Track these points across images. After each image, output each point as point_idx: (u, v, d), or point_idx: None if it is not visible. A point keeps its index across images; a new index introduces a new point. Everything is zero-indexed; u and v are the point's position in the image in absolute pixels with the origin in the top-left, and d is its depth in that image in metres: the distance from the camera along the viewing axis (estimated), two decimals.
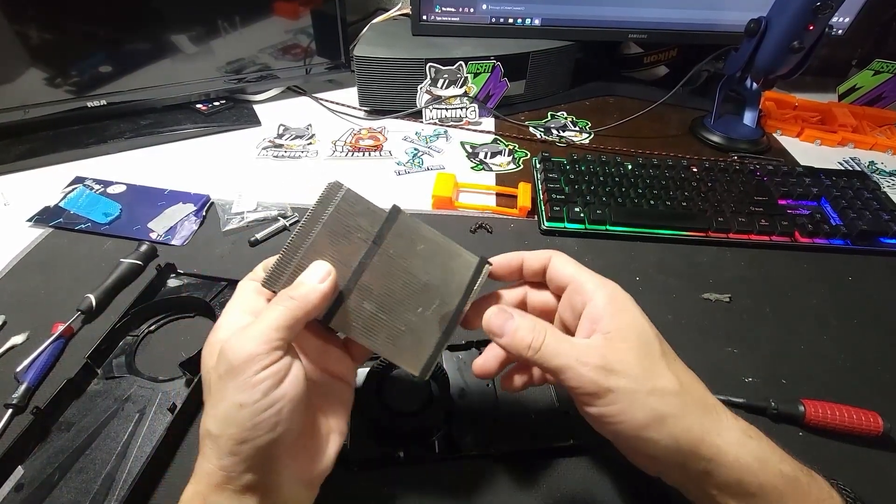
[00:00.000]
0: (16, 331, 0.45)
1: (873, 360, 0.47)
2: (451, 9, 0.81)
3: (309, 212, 0.30)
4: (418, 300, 0.31)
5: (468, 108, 0.80)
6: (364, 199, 0.32)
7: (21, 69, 0.64)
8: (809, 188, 0.65)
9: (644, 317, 0.29)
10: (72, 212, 0.58)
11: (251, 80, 0.81)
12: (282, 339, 0.26)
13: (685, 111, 0.87)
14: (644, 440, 0.26)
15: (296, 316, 0.27)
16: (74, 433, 0.38)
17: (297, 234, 0.30)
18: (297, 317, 0.27)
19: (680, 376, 0.27)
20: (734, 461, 0.26)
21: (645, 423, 0.26)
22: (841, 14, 0.80)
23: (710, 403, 0.28)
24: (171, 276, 0.51)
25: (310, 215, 0.30)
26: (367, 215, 0.31)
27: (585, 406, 0.28)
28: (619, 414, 0.26)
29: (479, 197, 0.66)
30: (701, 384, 0.29)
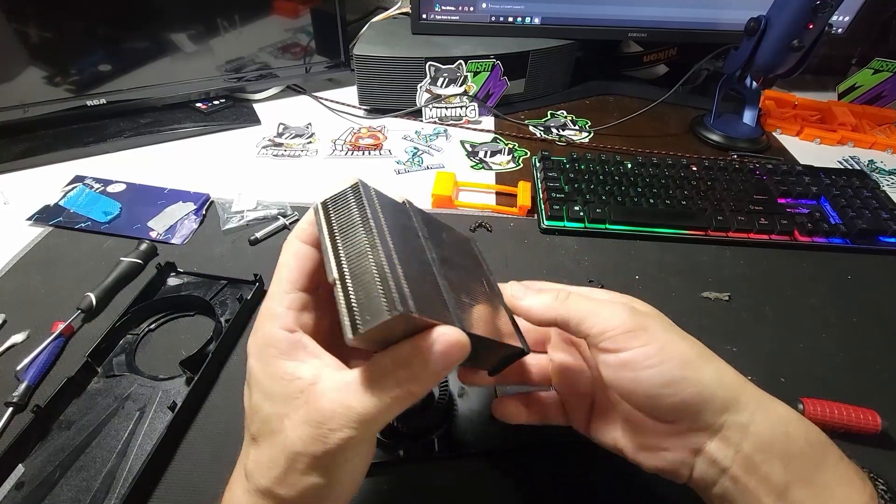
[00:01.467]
0: (16, 329, 0.45)
1: (872, 359, 0.47)
2: (450, 7, 0.81)
3: (334, 222, 0.23)
4: (476, 284, 0.28)
5: (468, 106, 0.80)
6: (385, 195, 0.27)
7: (20, 68, 0.64)
8: (809, 187, 0.65)
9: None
10: (72, 210, 0.58)
11: (251, 79, 0.81)
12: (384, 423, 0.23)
13: (685, 110, 0.87)
14: (671, 385, 0.25)
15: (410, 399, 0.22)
16: (75, 431, 0.38)
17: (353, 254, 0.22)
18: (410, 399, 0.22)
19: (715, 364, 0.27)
20: (762, 424, 0.25)
21: (681, 362, 0.25)
22: (841, 13, 0.80)
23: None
24: (171, 274, 0.51)
25: (343, 224, 0.23)
26: (403, 211, 0.27)
27: (615, 352, 0.26)
28: (656, 355, 0.25)
29: (478, 196, 0.66)
30: None
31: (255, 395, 0.23)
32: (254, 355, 0.24)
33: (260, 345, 0.24)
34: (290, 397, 0.22)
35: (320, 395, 0.22)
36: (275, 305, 0.24)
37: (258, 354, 0.24)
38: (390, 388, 0.21)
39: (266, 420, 0.23)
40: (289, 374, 0.23)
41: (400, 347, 0.21)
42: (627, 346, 0.26)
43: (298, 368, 0.23)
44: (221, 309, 0.47)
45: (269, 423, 0.23)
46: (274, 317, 0.24)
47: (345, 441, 0.21)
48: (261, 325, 0.24)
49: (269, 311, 0.24)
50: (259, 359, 0.23)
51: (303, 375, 0.23)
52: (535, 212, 0.62)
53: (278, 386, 0.23)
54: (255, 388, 0.23)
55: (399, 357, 0.21)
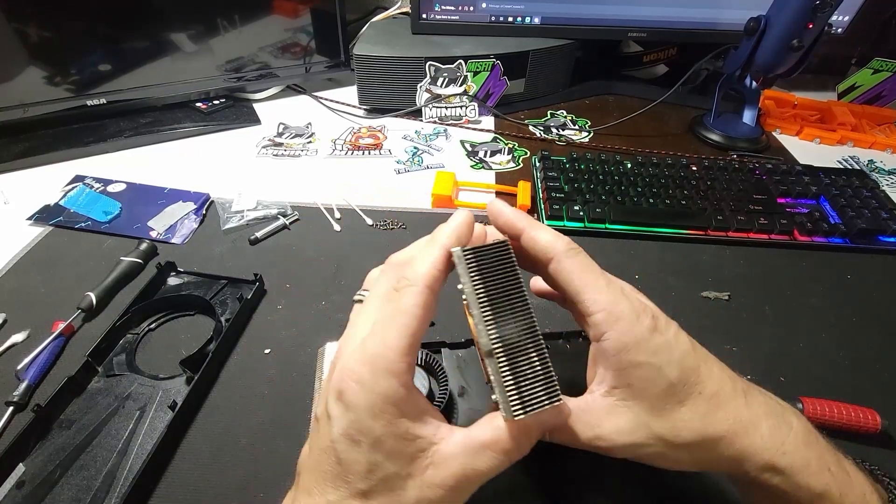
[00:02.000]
0: (16, 329, 0.45)
1: (872, 358, 0.47)
2: (450, 7, 0.81)
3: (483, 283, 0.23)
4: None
5: (468, 106, 0.80)
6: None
7: (20, 67, 0.64)
8: (808, 187, 0.65)
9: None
10: (72, 210, 0.58)
11: (251, 79, 0.81)
12: None
13: (684, 110, 0.87)
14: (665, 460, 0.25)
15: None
16: (75, 431, 0.38)
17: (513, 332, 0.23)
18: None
19: (701, 411, 0.25)
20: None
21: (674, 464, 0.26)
22: (840, 12, 0.80)
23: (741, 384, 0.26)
24: (171, 274, 0.51)
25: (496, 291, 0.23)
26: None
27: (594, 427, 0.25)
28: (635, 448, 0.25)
29: (478, 195, 0.66)
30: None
31: (370, 452, 0.22)
32: (369, 411, 0.22)
33: (379, 401, 0.22)
34: (412, 458, 0.22)
35: (449, 458, 0.23)
36: (398, 360, 0.22)
37: (376, 411, 0.22)
38: (510, 452, 0.23)
39: (386, 479, 0.22)
40: (411, 435, 0.22)
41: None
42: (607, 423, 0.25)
43: (418, 428, 0.23)
44: (221, 308, 0.47)
45: (389, 482, 0.22)
46: (396, 373, 0.22)
47: (465, 499, 0.23)
48: (377, 378, 0.22)
49: (391, 365, 0.22)
50: (377, 416, 0.22)
51: (424, 434, 0.23)
52: (534, 211, 0.62)
53: (400, 445, 0.22)
54: (370, 445, 0.22)
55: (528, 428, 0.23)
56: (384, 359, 0.22)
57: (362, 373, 0.22)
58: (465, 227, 0.25)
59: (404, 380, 0.22)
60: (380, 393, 0.22)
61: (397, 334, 0.22)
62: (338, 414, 0.22)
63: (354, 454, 0.22)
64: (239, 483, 0.36)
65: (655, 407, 0.24)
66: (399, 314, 0.23)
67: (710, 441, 0.25)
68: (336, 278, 0.52)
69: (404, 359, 0.22)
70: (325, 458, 0.23)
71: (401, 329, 0.22)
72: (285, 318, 0.48)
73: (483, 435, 0.23)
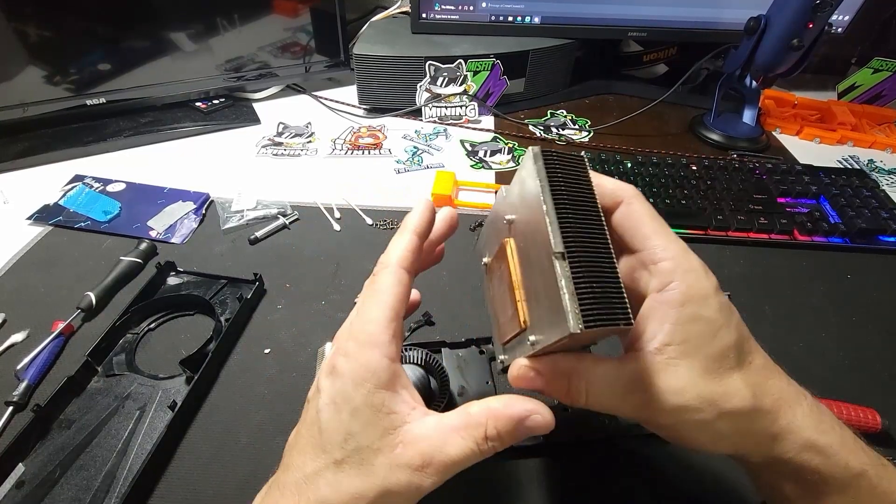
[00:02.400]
0: (16, 329, 0.45)
1: (872, 358, 0.47)
2: (450, 7, 0.81)
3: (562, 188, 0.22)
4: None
5: (468, 106, 0.80)
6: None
7: (20, 67, 0.64)
8: (808, 186, 0.65)
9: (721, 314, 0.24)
10: (71, 210, 0.58)
11: (250, 79, 0.81)
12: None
13: (684, 109, 0.87)
14: (714, 442, 0.25)
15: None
16: (75, 430, 0.38)
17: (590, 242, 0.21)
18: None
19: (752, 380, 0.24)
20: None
21: (711, 440, 0.24)
22: (840, 12, 0.80)
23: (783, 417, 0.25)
24: (170, 274, 0.51)
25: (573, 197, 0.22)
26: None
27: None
28: (683, 437, 0.25)
29: (478, 195, 0.66)
30: (780, 380, 0.26)
31: (348, 419, 0.23)
32: (352, 380, 0.23)
33: (362, 370, 0.23)
34: (385, 432, 0.23)
35: (419, 438, 0.23)
36: (379, 332, 0.24)
37: (358, 380, 0.23)
38: (480, 441, 0.23)
39: (358, 450, 0.23)
40: (386, 407, 0.23)
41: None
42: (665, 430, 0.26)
43: (395, 403, 0.23)
44: (221, 308, 0.47)
45: (361, 453, 0.23)
46: (378, 344, 0.23)
47: (435, 485, 0.23)
48: (361, 349, 0.23)
49: (373, 336, 0.23)
50: (359, 385, 0.23)
51: (398, 410, 0.23)
52: None
53: (375, 417, 0.23)
54: (350, 413, 0.23)
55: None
56: (365, 332, 0.24)
57: (348, 346, 0.24)
58: (429, 211, 0.28)
59: (387, 351, 0.23)
60: (363, 363, 0.23)
61: (376, 309, 0.24)
62: (327, 385, 0.24)
63: (335, 421, 0.23)
64: (239, 483, 0.36)
65: (709, 368, 0.23)
66: (376, 293, 0.25)
67: (758, 413, 0.24)
68: (336, 278, 0.52)
69: (385, 331, 0.24)
70: (309, 431, 0.24)
71: (379, 304, 0.24)
72: (285, 317, 0.48)
73: (453, 419, 0.24)
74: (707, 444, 0.25)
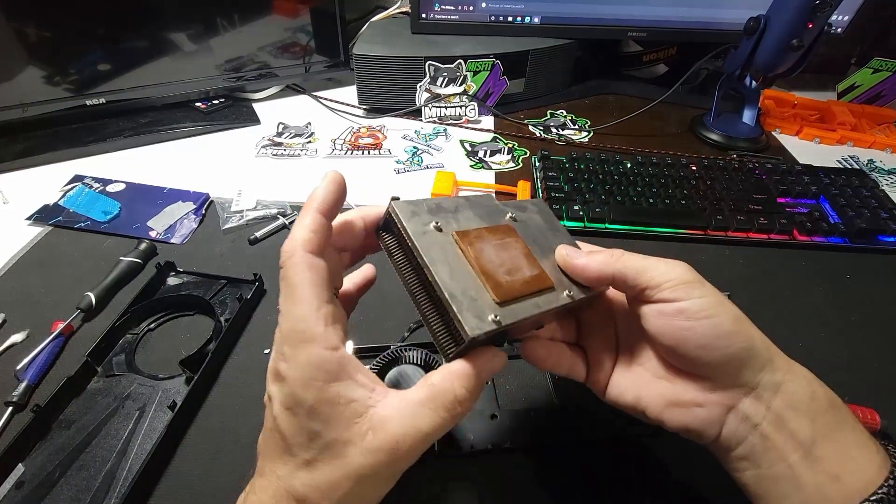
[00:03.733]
0: (16, 329, 0.45)
1: (871, 358, 0.47)
2: (450, 7, 0.81)
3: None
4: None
5: (467, 106, 0.80)
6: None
7: (19, 67, 0.64)
8: (808, 186, 0.65)
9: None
10: (71, 210, 0.58)
11: (250, 79, 0.81)
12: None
13: (684, 109, 0.87)
14: (725, 337, 0.26)
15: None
16: (75, 431, 0.38)
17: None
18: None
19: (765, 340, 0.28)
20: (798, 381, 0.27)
21: (734, 317, 0.26)
22: (840, 12, 0.80)
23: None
24: (170, 274, 0.51)
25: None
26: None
27: (673, 301, 0.27)
28: (713, 307, 0.26)
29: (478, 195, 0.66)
30: None
31: (307, 421, 0.22)
32: (299, 382, 0.22)
33: (306, 370, 0.22)
34: (349, 422, 0.22)
35: (387, 419, 0.23)
36: (309, 326, 0.23)
37: (305, 381, 0.22)
38: (451, 407, 0.23)
39: (327, 446, 0.22)
40: (344, 398, 0.22)
41: (458, 367, 0.24)
42: (687, 296, 0.27)
43: (351, 390, 0.23)
44: (221, 308, 0.47)
45: (331, 448, 0.22)
46: (314, 338, 0.22)
47: (411, 462, 0.23)
48: (297, 350, 0.22)
49: (304, 333, 0.23)
50: (307, 386, 0.22)
51: (357, 397, 0.23)
52: None
53: (335, 411, 0.22)
54: (307, 415, 0.22)
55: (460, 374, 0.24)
56: (295, 331, 0.23)
57: (284, 350, 0.23)
58: (335, 184, 0.26)
59: (326, 342, 0.23)
60: (303, 362, 0.22)
61: (297, 305, 0.23)
62: (276, 391, 0.23)
63: (294, 426, 0.23)
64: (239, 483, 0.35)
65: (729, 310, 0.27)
66: (290, 287, 0.24)
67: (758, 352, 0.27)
68: None
69: (316, 323, 0.23)
70: (271, 437, 0.24)
71: (298, 299, 0.23)
72: None
73: (418, 393, 0.24)
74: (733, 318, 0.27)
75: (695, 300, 0.26)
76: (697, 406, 0.28)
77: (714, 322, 0.26)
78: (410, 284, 0.26)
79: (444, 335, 0.25)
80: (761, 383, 0.26)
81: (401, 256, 0.27)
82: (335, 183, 0.26)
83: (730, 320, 0.26)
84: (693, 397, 0.28)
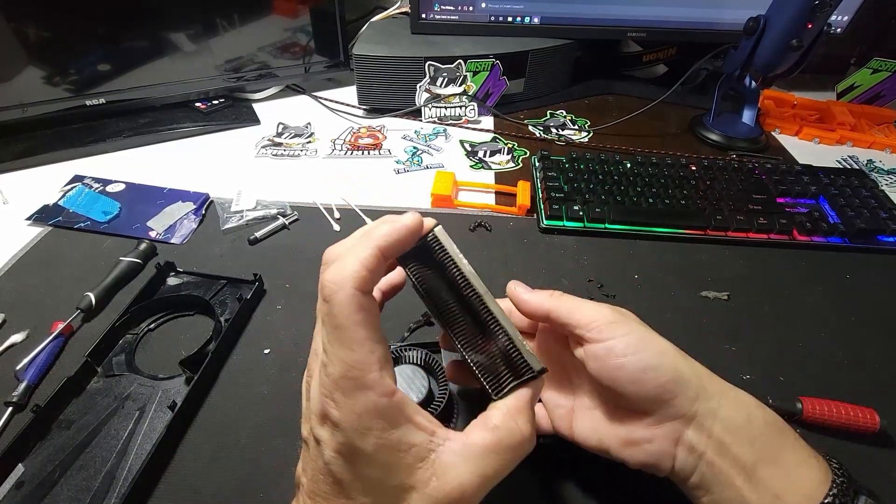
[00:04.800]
0: (15, 329, 0.45)
1: (871, 358, 0.47)
2: (450, 7, 0.81)
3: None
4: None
5: (467, 106, 0.80)
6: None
7: (19, 67, 0.64)
8: (808, 186, 0.65)
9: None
10: (71, 210, 0.58)
11: (250, 79, 0.81)
12: None
13: (684, 109, 0.87)
14: (652, 370, 0.27)
15: None
16: (75, 431, 0.38)
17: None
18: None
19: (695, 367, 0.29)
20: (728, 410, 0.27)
21: (659, 351, 0.28)
22: (840, 12, 0.80)
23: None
24: (170, 274, 0.51)
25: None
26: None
27: (601, 342, 0.28)
28: (637, 343, 0.28)
29: (478, 195, 0.66)
30: None
31: (366, 469, 0.21)
32: (356, 432, 0.21)
33: (363, 420, 0.21)
34: (411, 469, 0.22)
35: (451, 466, 0.22)
36: (366, 372, 0.21)
37: (362, 430, 0.21)
38: (517, 447, 0.24)
39: (388, 492, 0.22)
40: (405, 444, 0.22)
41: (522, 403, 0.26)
42: (612, 335, 0.28)
43: (411, 435, 0.22)
44: (221, 308, 0.47)
45: (392, 494, 0.22)
46: (369, 385, 0.21)
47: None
48: (351, 398, 0.21)
49: (359, 380, 0.21)
50: (365, 435, 0.21)
51: (418, 442, 0.22)
52: (534, 211, 0.62)
53: (396, 458, 0.21)
54: (367, 464, 0.21)
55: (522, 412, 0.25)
56: (348, 378, 0.21)
57: (337, 397, 0.21)
58: (408, 232, 0.24)
59: (382, 389, 0.21)
60: (359, 411, 0.21)
61: (349, 350, 0.21)
62: (326, 437, 0.22)
63: (351, 473, 0.22)
64: (239, 483, 0.36)
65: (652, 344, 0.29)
66: (339, 330, 0.21)
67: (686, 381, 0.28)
68: None
69: (371, 367, 0.21)
70: (322, 479, 0.23)
71: (350, 343, 0.21)
72: (285, 318, 0.48)
73: (483, 438, 0.23)
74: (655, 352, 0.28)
75: (619, 339, 0.28)
76: (647, 442, 0.29)
77: (639, 357, 0.28)
78: (447, 315, 0.27)
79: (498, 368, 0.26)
80: (699, 412, 0.27)
81: (435, 284, 0.27)
82: (409, 229, 0.24)
83: (653, 354, 0.28)
84: (642, 434, 0.29)
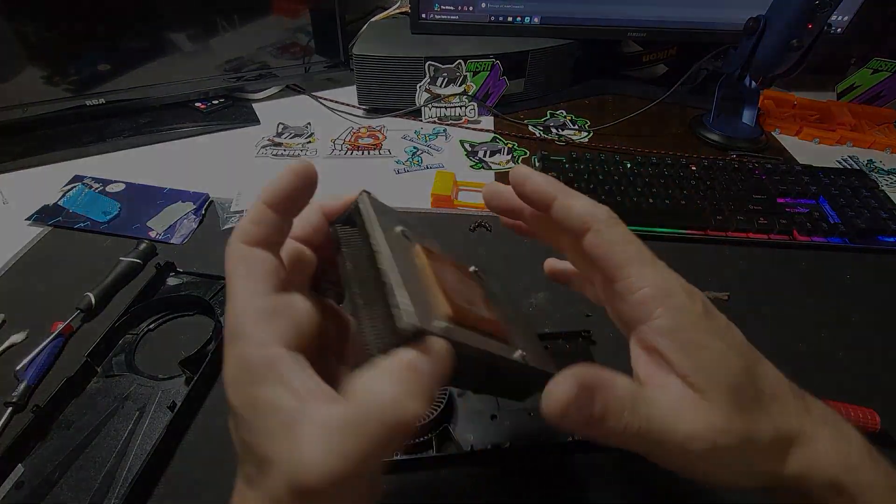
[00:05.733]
0: (15, 329, 0.45)
1: (871, 358, 0.47)
2: (450, 7, 0.81)
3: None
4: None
5: (467, 106, 0.80)
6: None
7: (19, 67, 0.64)
8: (808, 186, 0.65)
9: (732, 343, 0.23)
10: (71, 210, 0.58)
11: (250, 79, 0.81)
12: None
13: (684, 109, 0.87)
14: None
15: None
16: (74, 431, 0.38)
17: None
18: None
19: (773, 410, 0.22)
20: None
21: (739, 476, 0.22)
22: (840, 12, 0.80)
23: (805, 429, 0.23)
24: (170, 274, 0.51)
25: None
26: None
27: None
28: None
29: (478, 195, 0.66)
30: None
31: (236, 428, 0.20)
32: (229, 384, 0.19)
33: (231, 370, 0.19)
34: (272, 434, 0.18)
35: (307, 443, 0.17)
36: (240, 321, 0.20)
37: (230, 381, 0.19)
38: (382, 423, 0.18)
39: (253, 463, 0.19)
40: (269, 407, 0.18)
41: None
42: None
43: (277, 396, 0.18)
44: (221, 308, 0.47)
45: (255, 467, 0.19)
46: (242, 336, 0.19)
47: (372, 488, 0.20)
48: (229, 346, 0.20)
49: (234, 329, 0.20)
50: (233, 388, 0.19)
51: (283, 405, 0.18)
52: None
53: (258, 420, 0.18)
54: (237, 422, 0.19)
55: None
56: (228, 329, 0.20)
57: (225, 349, 0.20)
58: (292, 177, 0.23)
59: (256, 340, 0.19)
60: (231, 362, 0.19)
61: (229, 301, 0.20)
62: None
63: (234, 434, 0.20)
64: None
65: (732, 401, 0.21)
66: (227, 282, 0.21)
67: (782, 446, 0.22)
68: None
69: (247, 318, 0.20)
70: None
71: (230, 295, 0.21)
72: None
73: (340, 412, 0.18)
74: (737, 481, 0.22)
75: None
76: None
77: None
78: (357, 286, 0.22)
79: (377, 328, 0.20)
80: None
81: (355, 253, 0.23)
82: (292, 173, 0.23)
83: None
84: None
